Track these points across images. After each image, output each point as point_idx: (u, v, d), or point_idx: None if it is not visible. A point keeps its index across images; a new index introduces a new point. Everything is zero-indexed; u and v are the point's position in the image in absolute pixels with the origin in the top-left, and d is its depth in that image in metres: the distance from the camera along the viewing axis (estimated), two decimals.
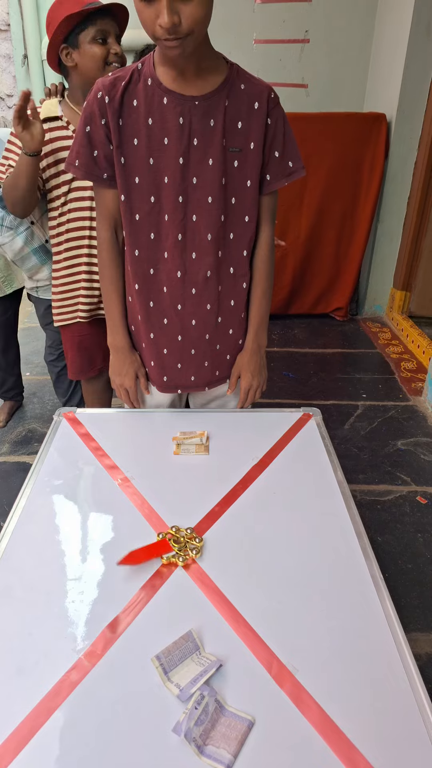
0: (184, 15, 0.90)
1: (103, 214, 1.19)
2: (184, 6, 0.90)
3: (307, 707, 0.68)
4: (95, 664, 0.73)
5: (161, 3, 0.89)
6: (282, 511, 1.01)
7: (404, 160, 3.32)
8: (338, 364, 3.16)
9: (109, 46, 1.46)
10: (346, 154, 3.31)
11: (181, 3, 0.90)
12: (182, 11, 0.90)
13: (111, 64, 1.48)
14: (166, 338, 1.27)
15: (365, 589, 0.85)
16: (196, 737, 0.63)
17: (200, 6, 0.91)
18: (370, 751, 0.64)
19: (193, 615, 0.80)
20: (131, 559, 0.87)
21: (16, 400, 2.62)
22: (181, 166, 1.09)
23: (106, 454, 1.16)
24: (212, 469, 1.13)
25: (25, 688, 0.70)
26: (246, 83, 1.09)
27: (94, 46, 1.45)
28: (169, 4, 0.89)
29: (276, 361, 3.13)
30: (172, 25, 0.90)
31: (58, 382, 2.15)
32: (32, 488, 1.07)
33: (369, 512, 1.99)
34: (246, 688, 0.70)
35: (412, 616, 1.58)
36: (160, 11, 0.89)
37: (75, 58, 1.48)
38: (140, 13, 0.93)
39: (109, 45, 1.47)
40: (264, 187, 1.17)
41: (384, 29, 3.30)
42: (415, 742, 0.65)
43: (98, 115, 1.07)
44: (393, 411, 2.65)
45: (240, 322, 1.30)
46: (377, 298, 3.80)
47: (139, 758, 0.63)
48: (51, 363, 2.13)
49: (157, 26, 0.92)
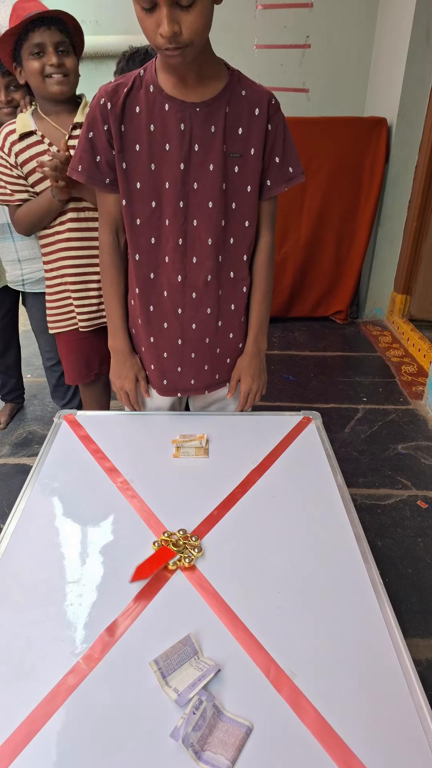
0: (184, 24, 0.91)
1: (105, 218, 1.20)
2: (184, 15, 0.90)
3: (305, 712, 0.68)
4: (93, 667, 0.73)
5: (162, 12, 0.89)
6: (281, 515, 1.01)
7: (405, 164, 3.33)
8: (339, 367, 3.16)
9: (45, 59, 1.43)
10: (346, 158, 3.32)
11: (182, 12, 0.90)
12: (183, 21, 0.91)
13: (50, 76, 1.45)
14: (166, 342, 1.27)
15: (365, 593, 0.85)
16: (194, 743, 0.63)
17: (200, 16, 0.91)
18: (369, 757, 0.63)
19: (192, 619, 0.80)
20: (141, 574, 0.87)
21: (17, 402, 2.62)
22: (182, 171, 1.09)
23: (106, 457, 1.16)
24: (212, 473, 1.13)
25: (22, 692, 0.70)
26: (247, 89, 1.09)
27: (30, 60, 1.43)
28: (169, 14, 0.89)
29: (276, 364, 3.13)
30: (172, 34, 0.91)
31: (57, 387, 2.15)
32: (32, 491, 1.07)
33: (369, 516, 1.99)
34: (244, 693, 0.70)
35: (411, 622, 1.58)
36: (161, 20, 0.90)
37: (23, 74, 1.49)
38: (141, 22, 0.94)
39: (45, 57, 1.42)
40: (264, 192, 1.17)
41: (384, 34, 3.31)
42: (414, 749, 0.64)
43: (101, 120, 1.08)
44: (393, 415, 2.65)
45: (240, 325, 1.30)
46: (378, 301, 3.80)
47: (137, 763, 0.63)
48: (50, 368, 2.13)
49: (158, 35, 0.92)
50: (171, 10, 0.89)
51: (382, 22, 3.33)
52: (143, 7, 0.91)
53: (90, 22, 3.47)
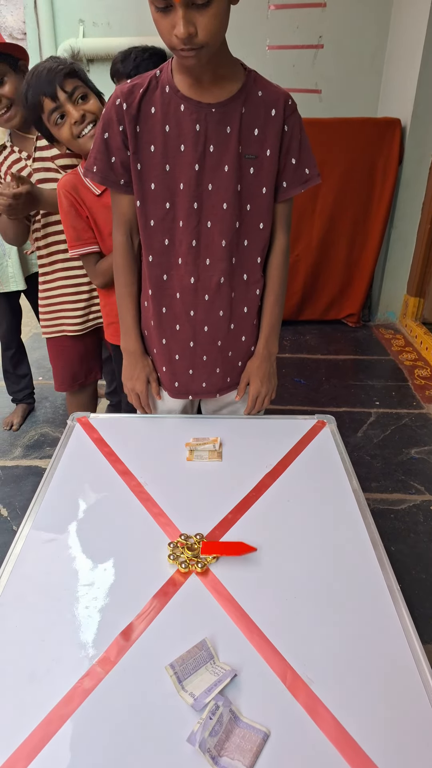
0: (199, 26, 0.91)
1: (119, 220, 1.20)
2: (200, 17, 0.90)
3: (322, 719, 0.67)
4: (108, 671, 0.73)
5: (177, 14, 0.89)
6: (296, 520, 1.00)
7: (418, 165, 3.31)
8: (351, 370, 3.14)
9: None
10: (359, 159, 3.31)
11: (197, 14, 0.90)
12: (198, 22, 0.90)
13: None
14: (178, 344, 1.27)
15: (381, 599, 0.84)
16: (211, 748, 0.63)
17: (216, 17, 0.91)
18: (387, 764, 0.62)
19: (207, 623, 0.79)
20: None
21: (28, 402, 2.63)
22: (197, 172, 1.09)
23: (120, 460, 1.16)
24: (225, 476, 1.12)
25: (37, 695, 0.70)
26: (263, 90, 1.08)
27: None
28: (184, 15, 0.89)
29: (288, 368, 3.12)
30: (188, 35, 0.90)
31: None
32: (45, 493, 1.07)
33: (382, 521, 1.97)
34: (260, 699, 0.70)
35: (426, 627, 1.56)
36: (176, 22, 0.90)
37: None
38: (156, 23, 0.94)
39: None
40: (280, 194, 1.17)
41: (398, 34, 3.29)
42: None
43: (116, 121, 1.08)
44: (406, 419, 2.63)
45: (252, 328, 1.30)
46: (390, 304, 3.77)
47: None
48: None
49: (173, 37, 0.92)
50: (186, 11, 0.89)
51: (396, 21, 3.32)
52: (158, 8, 0.91)
53: (101, 24, 3.49)
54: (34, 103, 1.35)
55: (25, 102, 1.37)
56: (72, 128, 1.36)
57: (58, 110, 1.35)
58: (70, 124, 1.36)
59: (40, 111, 1.36)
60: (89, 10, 3.46)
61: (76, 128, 1.37)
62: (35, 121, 1.41)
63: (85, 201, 1.46)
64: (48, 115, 1.36)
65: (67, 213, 1.46)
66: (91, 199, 1.46)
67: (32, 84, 1.33)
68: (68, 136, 1.38)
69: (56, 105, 1.34)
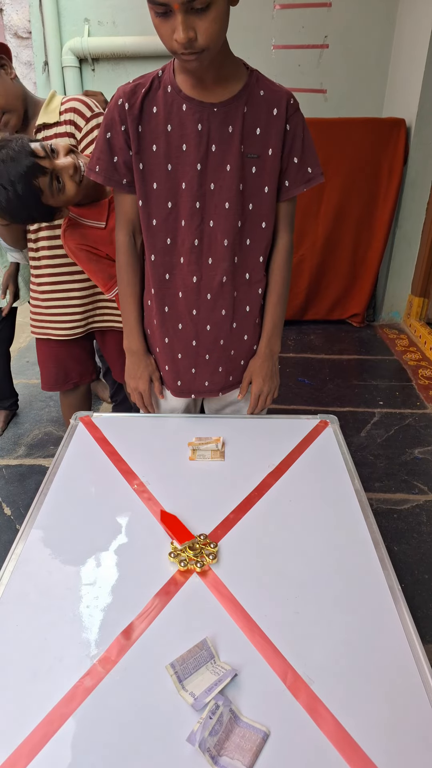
0: (199, 30, 0.91)
1: (122, 219, 1.20)
2: (199, 21, 0.90)
3: (322, 719, 0.67)
4: (109, 670, 0.73)
5: (177, 19, 0.89)
6: (298, 520, 1.00)
7: (423, 165, 3.30)
8: (354, 370, 3.14)
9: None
10: (364, 159, 3.30)
11: (197, 18, 0.90)
12: (198, 26, 0.90)
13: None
14: (180, 343, 1.27)
15: (382, 599, 0.83)
16: (211, 747, 0.63)
17: (215, 21, 0.91)
18: (387, 764, 0.62)
19: (208, 623, 0.79)
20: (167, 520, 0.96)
21: (11, 409, 2.65)
22: (199, 172, 1.09)
23: (122, 459, 1.16)
24: (228, 476, 1.12)
25: (39, 693, 0.70)
26: (265, 89, 1.08)
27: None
28: (184, 20, 0.89)
29: (291, 367, 3.11)
30: (187, 40, 0.90)
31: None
32: (48, 492, 1.07)
33: (385, 521, 1.97)
34: (261, 699, 0.70)
35: (428, 627, 1.56)
36: (176, 27, 0.90)
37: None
38: (157, 28, 0.94)
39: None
40: (282, 193, 1.16)
41: (403, 34, 3.29)
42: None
43: (118, 121, 1.08)
44: (410, 419, 2.62)
45: (255, 328, 1.30)
46: (395, 304, 3.76)
47: (153, 767, 0.62)
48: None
49: (173, 41, 0.92)
50: (186, 16, 0.89)
51: (402, 21, 3.31)
52: (158, 13, 0.91)
53: (107, 24, 3.49)
54: (27, 194, 1.23)
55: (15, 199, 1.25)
56: (72, 178, 1.28)
57: (53, 181, 1.26)
58: (68, 175, 1.27)
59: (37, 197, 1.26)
60: (94, 10, 3.47)
61: (71, 180, 1.28)
62: (24, 220, 1.37)
63: (97, 243, 1.43)
64: (48, 190, 1.26)
65: (88, 262, 1.44)
66: (99, 235, 1.43)
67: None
68: (72, 189, 1.29)
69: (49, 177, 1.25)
